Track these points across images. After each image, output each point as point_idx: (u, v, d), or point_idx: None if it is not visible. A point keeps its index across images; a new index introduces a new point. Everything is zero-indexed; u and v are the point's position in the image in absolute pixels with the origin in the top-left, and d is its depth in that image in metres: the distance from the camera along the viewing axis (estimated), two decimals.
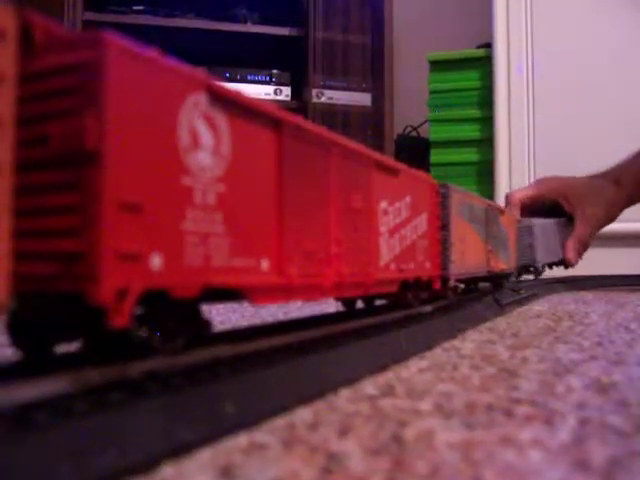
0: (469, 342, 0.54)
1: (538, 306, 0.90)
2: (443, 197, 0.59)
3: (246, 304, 0.31)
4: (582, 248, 1.16)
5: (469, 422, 0.28)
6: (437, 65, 1.71)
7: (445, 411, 0.30)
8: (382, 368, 0.40)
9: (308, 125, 0.35)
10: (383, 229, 0.44)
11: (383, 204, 0.44)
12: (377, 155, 0.44)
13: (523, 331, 0.62)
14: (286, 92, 1.94)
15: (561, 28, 1.58)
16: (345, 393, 0.34)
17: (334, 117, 1.91)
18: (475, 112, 1.68)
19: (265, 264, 0.31)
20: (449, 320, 0.61)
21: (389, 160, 0.47)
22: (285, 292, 0.33)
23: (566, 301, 0.99)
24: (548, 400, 0.32)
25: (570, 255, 1.14)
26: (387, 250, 0.45)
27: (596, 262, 1.29)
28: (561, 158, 1.46)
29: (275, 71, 1.94)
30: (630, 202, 1.16)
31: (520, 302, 0.89)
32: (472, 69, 1.68)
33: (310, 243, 0.35)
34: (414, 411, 0.30)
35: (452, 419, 0.29)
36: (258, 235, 0.31)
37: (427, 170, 1.61)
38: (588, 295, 1.12)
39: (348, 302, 0.51)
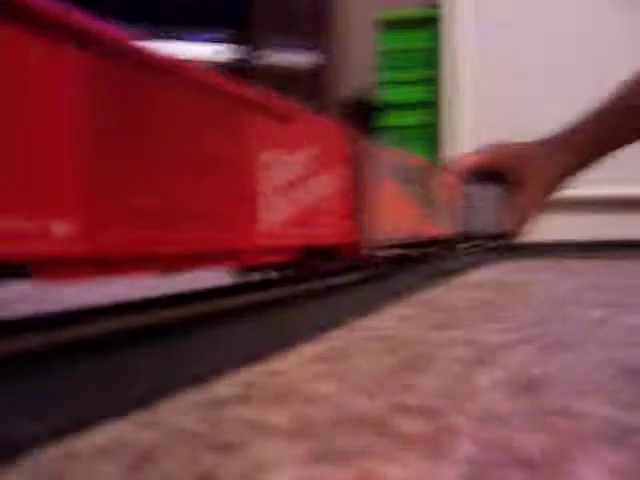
0: (387, 320, 0.46)
1: (479, 275, 0.83)
2: (363, 152, 0.51)
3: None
4: (526, 218, 1.11)
5: (324, 450, 0.20)
6: (388, 26, 1.63)
7: (300, 428, 0.22)
8: (255, 359, 0.31)
9: (140, 46, 0.26)
10: (268, 185, 0.36)
11: (268, 155, 0.36)
12: (260, 95, 0.35)
13: (457, 304, 0.55)
14: (229, 52, 1.85)
15: None
16: (187, 398, 0.25)
17: (279, 78, 1.82)
18: (425, 74, 1.60)
19: (59, 228, 0.22)
20: (370, 293, 0.53)
21: (282, 103, 0.38)
22: (97, 266, 0.24)
23: (511, 269, 0.92)
24: (445, 408, 0.24)
25: (512, 226, 1.09)
26: (275, 211, 0.36)
27: (547, 229, 1.23)
28: (507, 121, 1.39)
29: (218, 30, 1.84)
30: (580, 168, 1.10)
31: (459, 271, 0.82)
32: (423, 29, 1.61)
33: (145, 200, 0.26)
34: (260, 426, 0.22)
35: (299, 443, 0.20)
36: (47, 186, 0.22)
37: (376, 134, 1.54)
38: (536, 263, 1.06)
39: (249, 272, 0.43)
